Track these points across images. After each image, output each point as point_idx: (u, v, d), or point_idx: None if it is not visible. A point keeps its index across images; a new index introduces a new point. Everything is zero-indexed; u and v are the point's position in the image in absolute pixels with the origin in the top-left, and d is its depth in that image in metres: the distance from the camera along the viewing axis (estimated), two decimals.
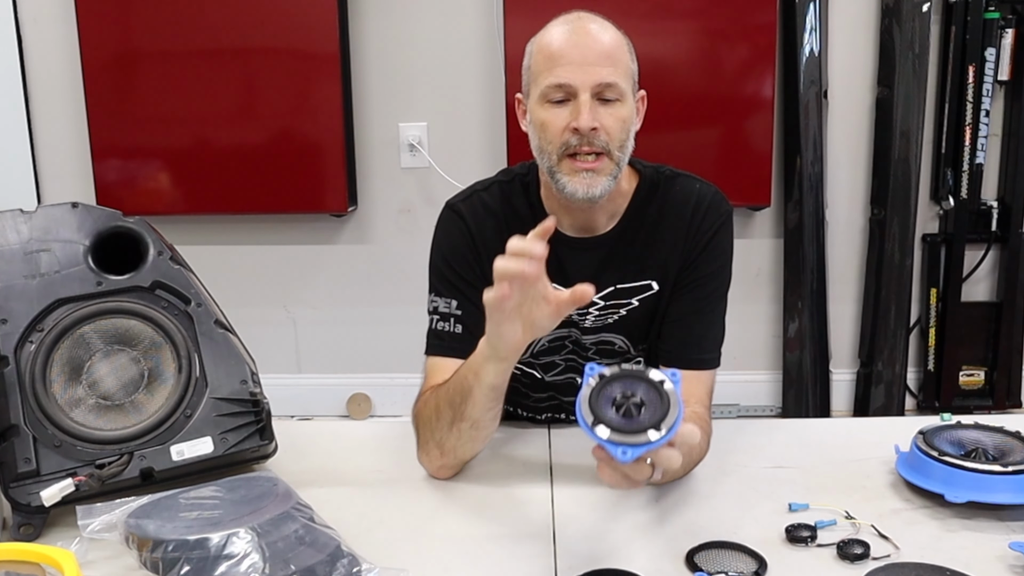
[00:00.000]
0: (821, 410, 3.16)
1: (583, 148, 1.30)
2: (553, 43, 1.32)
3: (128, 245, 1.29)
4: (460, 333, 1.38)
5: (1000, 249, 3.13)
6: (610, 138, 1.30)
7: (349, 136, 3.04)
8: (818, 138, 3.01)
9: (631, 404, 0.99)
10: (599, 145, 1.30)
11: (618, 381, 1.02)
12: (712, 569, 1.07)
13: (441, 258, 1.43)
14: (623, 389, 1.01)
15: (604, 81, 1.29)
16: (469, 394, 1.22)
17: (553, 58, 1.31)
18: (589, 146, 1.30)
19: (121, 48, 2.97)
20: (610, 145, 1.31)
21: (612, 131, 1.30)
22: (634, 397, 1.00)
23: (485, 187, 1.46)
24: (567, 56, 1.29)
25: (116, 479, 1.17)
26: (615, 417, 0.99)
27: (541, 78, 1.32)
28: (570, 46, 1.30)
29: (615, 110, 1.31)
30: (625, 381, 1.02)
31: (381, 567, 1.03)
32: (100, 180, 3.03)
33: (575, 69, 1.29)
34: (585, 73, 1.29)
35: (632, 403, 0.99)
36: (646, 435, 0.97)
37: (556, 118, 1.31)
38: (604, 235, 1.42)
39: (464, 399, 1.23)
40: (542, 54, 1.33)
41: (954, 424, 1.32)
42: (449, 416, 1.25)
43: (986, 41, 2.93)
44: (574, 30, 1.32)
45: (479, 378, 1.20)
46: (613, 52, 1.31)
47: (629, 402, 0.99)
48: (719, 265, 1.42)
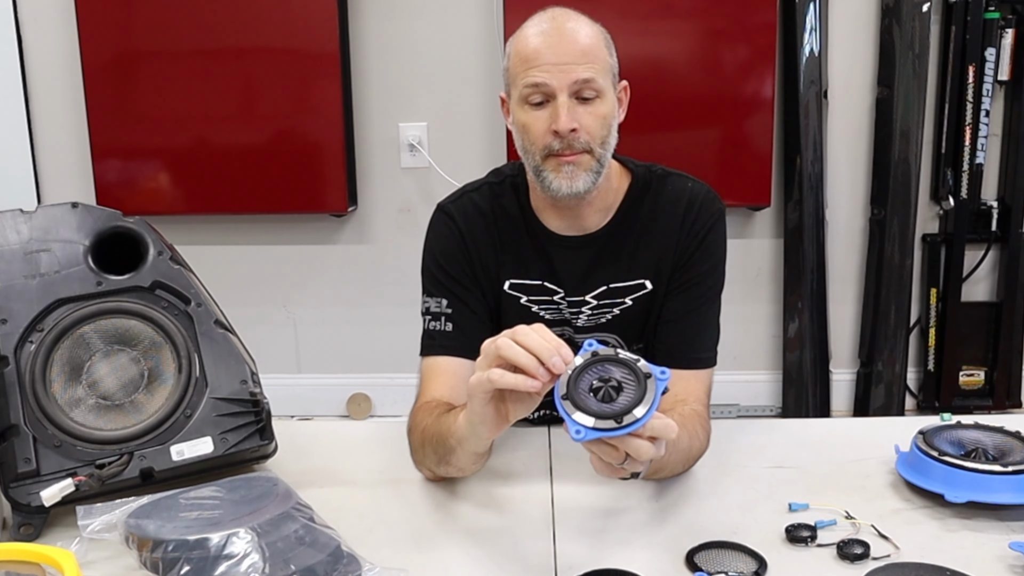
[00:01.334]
0: (821, 410, 3.16)
1: (565, 152, 1.30)
2: (529, 44, 1.31)
3: (128, 245, 1.29)
4: (451, 331, 1.38)
5: (1000, 249, 3.13)
6: (591, 137, 1.31)
7: (349, 136, 3.04)
8: (818, 138, 3.01)
9: (608, 388, 0.99)
10: (579, 146, 1.30)
11: (610, 364, 1.01)
12: (712, 569, 1.07)
13: (432, 259, 1.44)
14: (609, 373, 1.00)
15: (581, 78, 1.29)
16: (452, 452, 1.21)
17: (529, 59, 1.30)
18: (570, 149, 1.30)
19: (121, 48, 2.97)
20: (591, 144, 1.31)
21: (592, 130, 1.31)
22: (612, 382, 0.99)
23: (475, 188, 1.47)
24: (543, 56, 1.29)
25: (116, 479, 1.17)
26: (590, 397, 0.98)
27: (519, 79, 1.32)
28: (545, 46, 1.30)
29: (594, 108, 1.31)
30: (616, 366, 1.01)
31: (381, 567, 1.03)
32: (100, 180, 3.03)
33: (551, 69, 1.29)
34: (562, 72, 1.28)
35: (610, 387, 0.99)
36: (609, 421, 0.96)
37: (537, 121, 1.31)
38: (594, 233, 1.42)
39: (448, 454, 1.21)
40: (519, 55, 1.32)
41: (954, 424, 1.32)
42: (435, 458, 1.25)
43: (986, 41, 2.93)
44: (549, 30, 1.31)
45: (462, 446, 1.18)
46: (590, 49, 1.31)
47: (607, 386, 0.99)
48: (713, 264, 1.42)
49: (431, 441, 1.24)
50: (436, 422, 1.24)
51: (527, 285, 1.42)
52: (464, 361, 1.37)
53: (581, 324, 1.44)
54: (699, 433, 1.30)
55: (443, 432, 1.21)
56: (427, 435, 1.26)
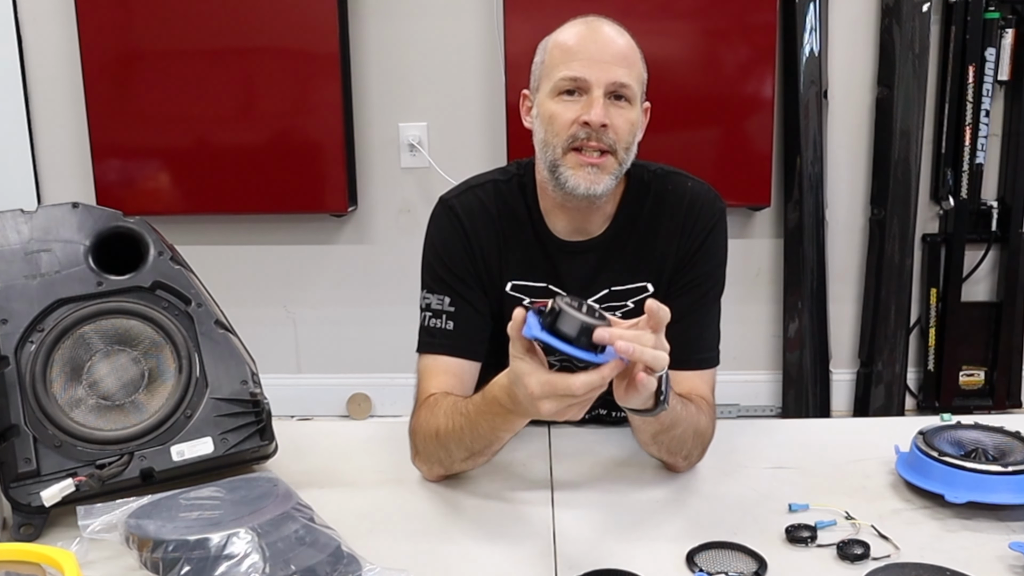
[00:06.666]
0: (821, 410, 3.16)
1: (590, 143, 1.30)
2: (571, 39, 1.33)
3: (128, 245, 1.29)
4: (451, 330, 1.37)
5: (1000, 249, 3.13)
6: (618, 137, 1.31)
7: (349, 136, 3.04)
8: (818, 138, 3.01)
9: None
10: (607, 142, 1.30)
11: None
12: (712, 569, 1.07)
13: (434, 254, 1.42)
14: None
15: (619, 80, 1.30)
16: (498, 440, 1.23)
17: (570, 52, 1.31)
18: (597, 141, 1.30)
19: (121, 48, 2.97)
20: (617, 145, 1.31)
21: (621, 131, 1.31)
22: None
23: (480, 184, 1.45)
24: (584, 51, 1.31)
25: (116, 479, 1.17)
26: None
27: (555, 71, 1.32)
28: (588, 42, 1.31)
29: (625, 112, 1.32)
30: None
31: (381, 567, 1.03)
32: (100, 180, 3.03)
33: (592, 64, 1.30)
34: (601, 70, 1.29)
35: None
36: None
37: (566, 110, 1.31)
38: (597, 238, 1.41)
39: (490, 444, 1.24)
40: (559, 48, 1.33)
41: (954, 424, 1.32)
42: (464, 455, 1.26)
43: (986, 41, 2.93)
44: (592, 29, 1.33)
45: (515, 430, 1.20)
46: (628, 55, 1.33)
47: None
48: (714, 264, 1.41)
49: (456, 439, 1.24)
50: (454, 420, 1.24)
51: (530, 287, 1.42)
52: (464, 362, 1.36)
53: None
54: (704, 410, 1.31)
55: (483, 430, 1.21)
56: (450, 435, 1.24)
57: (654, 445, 1.29)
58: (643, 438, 1.28)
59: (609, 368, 1.01)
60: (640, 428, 1.26)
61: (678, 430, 1.25)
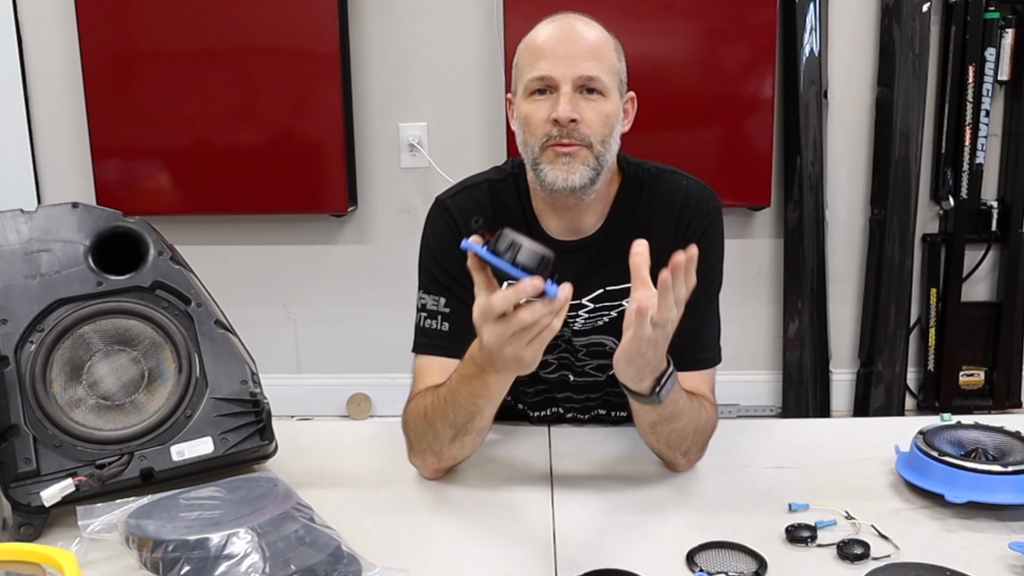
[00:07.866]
0: (821, 410, 3.16)
1: (563, 140, 1.31)
2: (538, 39, 1.34)
3: (128, 245, 1.29)
4: (447, 331, 1.38)
5: (1000, 249, 3.13)
6: (590, 131, 1.31)
7: (349, 136, 3.04)
8: (818, 138, 3.01)
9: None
10: (578, 138, 1.31)
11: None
12: (712, 569, 1.07)
13: (430, 255, 1.43)
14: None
15: (585, 74, 1.30)
16: (479, 412, 1.23)
17: (538, 51, 1.33)
18: (568, 138, 1.30)
19: (121, 48, 2.97)
20: (591, 138, 1.31)
21: (592, 124, 1.31)
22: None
23: (475, 184, 1.46)
24: (550, 50, 1.32)
25: (116, 479, 1.17)
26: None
27: (525, 72, 1.34)
28: (554, 40, 1.32)
29: (598, 104, 1.32)
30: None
31: (381, 567, 1.03)
32: (100, 180, 3.03)
33: (558, 61, 1.31)
34: (567, 66, 1.30)
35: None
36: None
37: (538, 110, 1.32)
38: (590, 237, 1.41)
39: (471, 417, 1.23)
40: (528, 49, 1.35)
41: (954, 424, 1.32)
42: (450, 434, 1.26)
43: (986, 41, 2.93)
44: (559, 27, 1.34)
45: (491, 396, 1.20)
46: (596, 48, 1.33)
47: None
48: (711, 263, 1.40)
49: (443, 417, 1.24)
50: (438, 393, 1.25)
51: None
52: (458, 362, 1.36)
53: (578, 327, 1.43)
54: (705, 406, 1.31)
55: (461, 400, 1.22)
56: (434, 414, 1.26)
57: (652, 435, 1.29)
58: (642, 425, 1.28)
59: (527, 283, 1.03)
60: (639, 414, 1.26)
61: (678, 424, 1.25)
